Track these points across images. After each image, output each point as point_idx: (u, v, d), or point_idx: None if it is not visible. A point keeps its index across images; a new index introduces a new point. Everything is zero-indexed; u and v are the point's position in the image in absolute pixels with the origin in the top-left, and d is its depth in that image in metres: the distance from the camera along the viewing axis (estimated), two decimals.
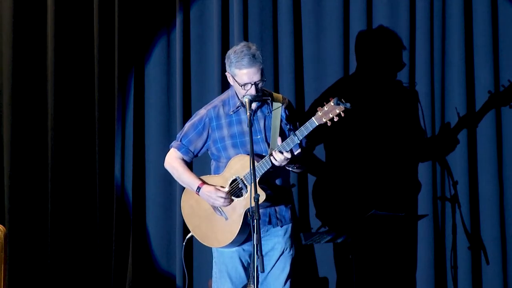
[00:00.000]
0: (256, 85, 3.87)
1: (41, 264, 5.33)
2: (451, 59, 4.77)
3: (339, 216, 4.83)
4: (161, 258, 5.19)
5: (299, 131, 3.82)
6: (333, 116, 3.75)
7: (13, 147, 5.32)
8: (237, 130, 3.98)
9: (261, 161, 3.84)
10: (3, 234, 4.14)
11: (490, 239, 4.76)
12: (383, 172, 4.81)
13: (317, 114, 3.78)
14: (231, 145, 3.98)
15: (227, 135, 3.99)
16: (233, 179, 3.92)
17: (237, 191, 3.92)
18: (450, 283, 4.79)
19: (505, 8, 4.74)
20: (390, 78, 4.82)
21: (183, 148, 4.05)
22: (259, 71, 3.87)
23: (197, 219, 4.03)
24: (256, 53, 3.87)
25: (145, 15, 5.16)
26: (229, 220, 3.93)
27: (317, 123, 3.79)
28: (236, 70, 3.88)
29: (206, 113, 4.03)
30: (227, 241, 3.93)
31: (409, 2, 4.79)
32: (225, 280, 4.03)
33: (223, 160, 4.01)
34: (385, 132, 4.80)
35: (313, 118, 3.79)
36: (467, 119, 4.74)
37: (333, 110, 3.75)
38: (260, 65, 3.87)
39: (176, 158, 4.07)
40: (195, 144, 4.05)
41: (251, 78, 3.86)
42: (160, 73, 5.17)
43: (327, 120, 3.76)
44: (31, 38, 5.32)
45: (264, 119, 3.98)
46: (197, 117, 4.05)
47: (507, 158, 4.77)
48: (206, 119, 4.02)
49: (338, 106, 3.73)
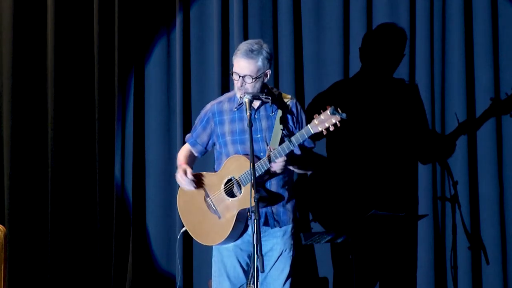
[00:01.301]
0: (243, 79, 3.85)
1: (41, 264, 5.33)
2: (451, 59, 4.77)
3: (339, 216, 4.83)
4: (161, 258, 5.19)
5: (295, 137, 3.80)
6: (328, 125, 3.72)
7: (13, 147, 5.32)
8: (238, 128, 3.98)
9: (257, 163, 3.83)
10: (3, 234, 4.14)
11: (490, 239, 4.76)
12: (383, 172, 4.81)
13: (313, 122, 3.76)
14: (230, 142, 3.99)
15: (227, 132, 4.00)
16: (228, 179, 3.93)
17: (231, 191, 3.92)
18: (450, 283, 4.79)
19: (505, 8, 4.74)
20: (390, 78, 4.82)
21: (191, 140, 4.13)
22: (253, 67, 3.85)
23: (190, 215, 4.05)
24: (258, 50, 3.86)
25: (145, 15, 5.16)
26: (222, 219, 3.94)
27: (312, 131, 3.77)
28: (233, 58, 3.91)
29: (210, 108, 4.07)
30: (219, 240, 3.95)
31: (409, 2, 4.79)
32: (224, 279, 4.03)
33: (223, 157, 4.02)
34: (385, 132, 4.80)
35: (309, 126, 3.77)
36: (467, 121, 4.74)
37: (329, 120, 3.72)
38: (257, 63, 3.85)
39: (184, 149, 4.17)
40: (201, 138, 4.10)
41: (240, 69, 3.86)
42: (160, 73, 5.17)
43: (323, 129, 3.74)
44: (31, 38, 5.32)
45: (267, 119, 3.98)
46: (203, 111, 4.10)
47: (507, 158, 4.76)
48: (210, 113, 4.05)
49: (334, 116, 3.70)
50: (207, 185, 3.99)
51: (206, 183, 4.00)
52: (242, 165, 3.86)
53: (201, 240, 4.04)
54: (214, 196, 3.96)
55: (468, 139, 4.75)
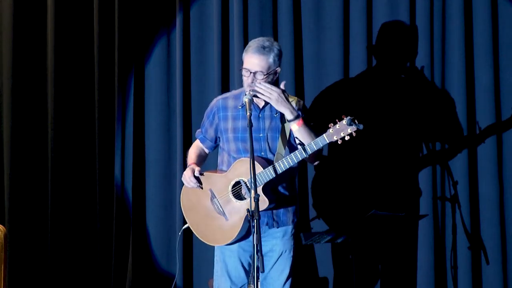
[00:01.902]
0: (254, 75, 3.86)
1: (41, 264, 5.33)
2: (451, 59, 4.77)
3: (339, 216, 4.83)
4: (161, 258, 5.19)
5: (309, 145, 3.81)
6: (344, 135, 3.74)
7: (13, 147, 5.32)
8: (241, 125, 3.98)
9: (266, 169, 3.84)
10: (3, 234, 4.14)
11: (490, 239, 4.76)
12: (383, 172, 4.81)
13: (329, 131, 3.77)
14: (232, 139, 3.99)
15: (230, 128, 4.00)
16: (237, 181, 3.93)
17: (240, 194, 3.92)
18: (450, 283, 4.79)
19: (505, 8, 4.74)
20: (390, 78, 4.82)
21: (201, 135, 4.15)
22: (264, 64, 3.85)
23: (196, 214, 4.03)
24: (269, 47, 3.86)
25: (145, 15, 5.16)
26: (229, 221, 3.93)
27: (328, 140, 3.78)
28: (244, 55, 3.90)
29: (215, 103, 4.09)
30: (226, 241, 3.95)
31: (409, 2, 4.79)
32: (226, 279, 4.03)
33: (225, 154, 4.04)
34: (385, 132, 4.80)
35: (324, 136, 3.78)
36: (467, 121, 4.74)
37: (345, 130, 3.74)
38: (268, 59, 3.85)
39: (194, 147, 4.19)
40: (209, 133, 4.12)
41: (251, 65, 3.86)
42: (160, 73, 5.17)
43: (338, 138, 3.75)
44: (31, 38, 5.32)
45: (270, 119, 3.98)
46: (209, 107, 4.12)
47: (507, 158, 4.76)
48: (215, 108, 4.07)
49: (350, 127, 3.73)
50: (214, 186, 3.98)
51: (213, 183, 3.98)
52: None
53: (206, 240, 4.03)
54: (221, 197, 3.95)
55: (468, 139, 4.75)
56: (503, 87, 4.75)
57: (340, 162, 4.85)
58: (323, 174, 4.90)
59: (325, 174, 4.89)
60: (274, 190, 3.94)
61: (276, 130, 3.96)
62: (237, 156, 3.98)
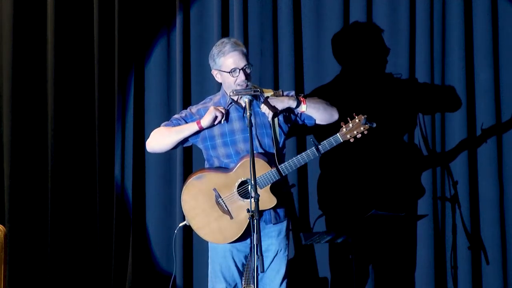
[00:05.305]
0: (244, 70, 3.89)
1: (41, 264, 5.33)
2: (451, 59, 4.77)
3: (339, 216, 4.83)
4: (161, 258, 5.19)
5: (322, 145, 3.87)
6: (357, 133, 3.86)
7: (13, 147, 5.32)
8: (228, 129, 3.99)
9: (272, 170, 3.87)
10: (3, 234, 4.14)
11: (490, 239, 4.76)
12: (383, 172, 4.81)
13: (342, 130, 3.87)
14: (221, 144, 3.99)
15: (217, 134, 4.00)
16: (243, 181, 3.93)
17: (246, 193, 3.92)
18: (450, 283, 4.79)
19: (505, 8, 4.74)
20: (390, 78, 4.82)
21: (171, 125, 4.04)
22: (244, 56, 3.93)
23: (200, 211, 4.00)
24: (237, 41, 3.95)
25: (145, 15, 5.16)
26: (234, 220, 3.94)
27: (341, 140, 3.87)
28: (221, 59, 3.93)
29: (196, 111, 4.05)
30: (231, 239, 3.96)
31: (409, 2, 4.79)
32: (220, 280, 4.05)
33: (214, 160, 4.03)
34: (385, 132, 4.80)
35: (338, 135, 3.87)
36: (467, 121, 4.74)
37: (358, 128, 3.86)
38: (244, 50, 3.93)
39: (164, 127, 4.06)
40: None
41: (237, 63, 3.91)
42: (160, 73, 5.17)
43: (351, 137, 3.87)
44: (31, 38, 5.32)
45: (255, 115, 3.98)
46: (187, 112, 4.07)
47: (507, 158, 4.77)
48: (196, 116, 4.02)
49: (364, 125, 3.85)
50: (218, 185, 3.96)
51: (217, 182, 3.97)
52: (259, 168, 3.85)
53: (215, 240, 4.02)
54: (227, 196, 3.95)
55: (468, 139, 4.75)
56: (503, 87, 4.76)
57: (340, 162, 4.85)
58: (323, 174, 4.90)
59: (325, 174, 4.89)
60: (279, 190, 3.95)
61: (262, 126, 3.97)
62: (228, 160, 3.98)
